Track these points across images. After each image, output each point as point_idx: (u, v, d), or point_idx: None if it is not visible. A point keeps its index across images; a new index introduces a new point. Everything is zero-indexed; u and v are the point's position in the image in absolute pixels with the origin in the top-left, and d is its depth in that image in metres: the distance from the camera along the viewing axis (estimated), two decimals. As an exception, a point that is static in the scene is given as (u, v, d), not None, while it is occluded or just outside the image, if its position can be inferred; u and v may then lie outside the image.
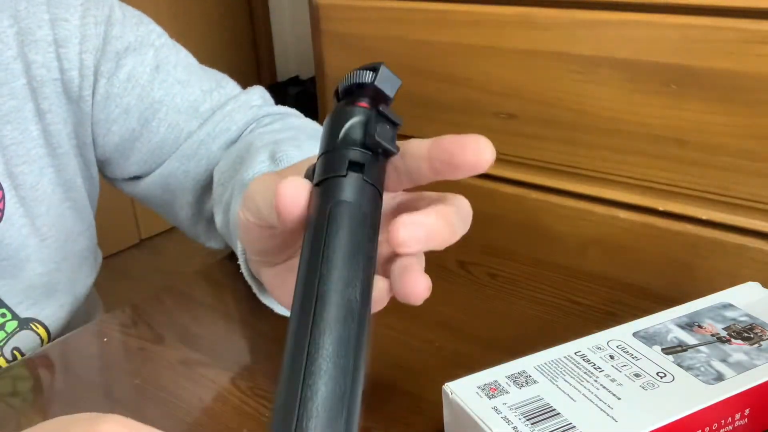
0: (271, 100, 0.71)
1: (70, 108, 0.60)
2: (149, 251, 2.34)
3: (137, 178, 0.67)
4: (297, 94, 2.49)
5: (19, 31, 0.56)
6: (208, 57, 0.71)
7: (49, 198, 0.60)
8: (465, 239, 0.69)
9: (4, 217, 0.56)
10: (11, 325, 0.60)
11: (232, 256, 0.66)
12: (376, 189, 0.33)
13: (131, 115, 0.62)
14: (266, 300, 0.52)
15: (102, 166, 0.66)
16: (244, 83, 0.71)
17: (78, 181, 0.62)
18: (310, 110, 0.75)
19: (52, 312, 0.63)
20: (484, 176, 0.81)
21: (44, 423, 0.33)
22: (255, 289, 0.52)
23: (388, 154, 0.34)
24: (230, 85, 0.68)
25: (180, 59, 0.65)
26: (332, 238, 0.30)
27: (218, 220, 0.60)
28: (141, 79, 0.62)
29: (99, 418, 0.30)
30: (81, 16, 0.58)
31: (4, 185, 0.56)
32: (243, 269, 0.51)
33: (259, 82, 0.70)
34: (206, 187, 0.66)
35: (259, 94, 0.69)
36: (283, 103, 0.72)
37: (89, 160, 0.64)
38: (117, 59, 0.60)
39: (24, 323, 0.61)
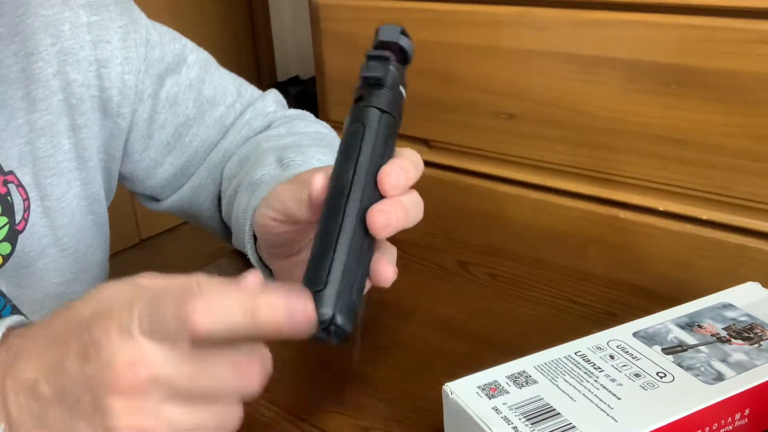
0: (285, 104, 0.74)
1: (105, 123, 0.61)
2: (149, 251, 2.33)
3: (167, 190, 0.70)
4: (297, 94, 2.49)
5: (62, 50, 0.57)
6: (208, 57, 0.71)
7: (73, 210, 0.61)
8: (465, 239, 0.68)
9: (27, 226, 0.57)
10: None
11: (231, 257, 0.66)
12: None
13: (167, 130, 0.65)
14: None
15: (131, 181, 0.68)
16: (245, 83, 0.71)
17: (101, 195, 0.64)
18: (310, 110, 0.76)
19: None
20: (485, 176, 0.81)
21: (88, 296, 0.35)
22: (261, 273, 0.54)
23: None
24: (248, 92, 0.71)
25: (208, 75, 0.68)
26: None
27: (223, 210, 0.66)
28: (178, 98, 0.65)
29: (134, 278, 0.35)
30: (121, 39, 0.60)
31: (30, 195, 0.57)
32: (250, 254, 0.55)
33: (259, 82, 0.71)
34: None
35: (273, 99, 0.72)
36: (283, 104, 0.73)
37: (112, 174, 0.65)
38: (159, 81, 0.63)
39: None
